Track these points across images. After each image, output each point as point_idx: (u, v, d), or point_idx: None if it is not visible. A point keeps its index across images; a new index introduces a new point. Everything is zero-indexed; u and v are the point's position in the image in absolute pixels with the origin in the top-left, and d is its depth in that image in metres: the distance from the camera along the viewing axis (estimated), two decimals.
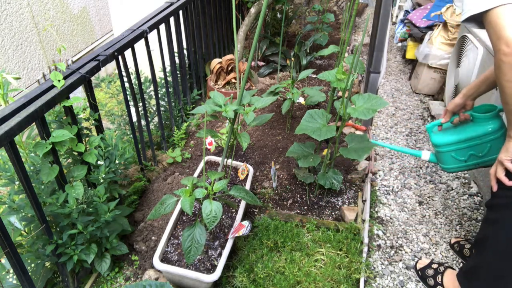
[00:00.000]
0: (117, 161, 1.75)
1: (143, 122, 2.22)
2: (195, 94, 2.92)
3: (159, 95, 2.46)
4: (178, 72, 2.69)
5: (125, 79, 1.96)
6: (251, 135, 2.64)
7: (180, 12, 2.50)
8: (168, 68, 2.50)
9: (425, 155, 1.76)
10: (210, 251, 1.67)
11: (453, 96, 2.61)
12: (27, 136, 1.59)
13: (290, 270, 1.65)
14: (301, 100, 2.89)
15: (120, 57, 1.86)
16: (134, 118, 2.11)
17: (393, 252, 1.85)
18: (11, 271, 1.50)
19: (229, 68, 2.97)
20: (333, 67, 3.42)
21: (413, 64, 3.52)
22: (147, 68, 2.20)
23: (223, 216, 1.83)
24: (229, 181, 2.03)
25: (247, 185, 1.92)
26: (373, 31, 2.44)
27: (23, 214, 1.50)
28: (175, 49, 2.55)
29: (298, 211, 2.03)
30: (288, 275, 1.62)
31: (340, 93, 2.92)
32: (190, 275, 1.51)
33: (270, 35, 3.65)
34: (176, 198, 1.54)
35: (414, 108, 3.09)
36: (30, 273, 1.51)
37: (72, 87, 1.50)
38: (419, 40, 3.35)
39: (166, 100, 2.54)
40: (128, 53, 1.92)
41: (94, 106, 1.69)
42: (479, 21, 1.21)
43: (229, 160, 2.09)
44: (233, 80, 2.97)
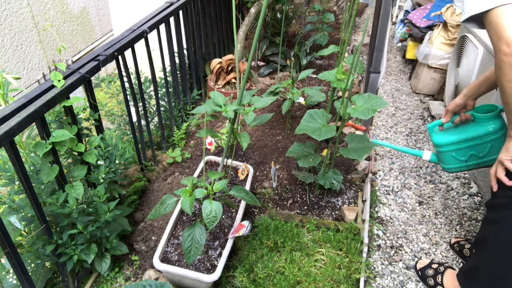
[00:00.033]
0: (117, 161, 1.75)
1: (143, 122, 2.22)
2: (195, 94, 2.92)
3: (159, 95, 2.46)
4: (178, 72, 2.69)
5: (125, 79, 1.96)
6: (251, 135, 2.64)
7: (180, 12, 2.51)
8: (168, 68, 2.50)
9: (426, 155, 1.76)
10: (210, 251, 1.67)
11: (453, 96, 2.61)
12: (27, 136, 1.59)
13: (290, 270, 1.65)
14: (301, 100, 2.89)
15: (120, 57, 1.86)
16: (134, 118, 2.11)
17: (393, 252, 1.85)
18: (11, 271, 1.50)
19: (229, 68, 2.97)
20: (333, 67, 3.42)
21: (413, 64, 3.52)
22: (147, 68, 2.20)
23: (223, 216, 1.83)
24: (229, 181, 2.03)
25: (247, 185, 1.92)
26: (373, 31, 2.44)
27: (23, 214, 1.50)
28: (175, 49, 2.55)
29: (298, 211, 2.03)
30: (288, 275, 1.62)
31: (340, 93, 2.92)
32: (190, 275, 1.51)
33: (270, 35, 3.65)
34: (176, 198, 1.54)
35: (414, 108, 3.09)
36: (30, 273, 1.51)
37: (72, 87, 1.50)
38: (419, 40, 3.35)
39: (166, 100, 2.54)
40: (128, 53, 1.92)
41: (94, 106, 1.69)
42: (480, 21, 1.21)
43: (229, 160, 2.09)
44: (233, 80, 2.97)
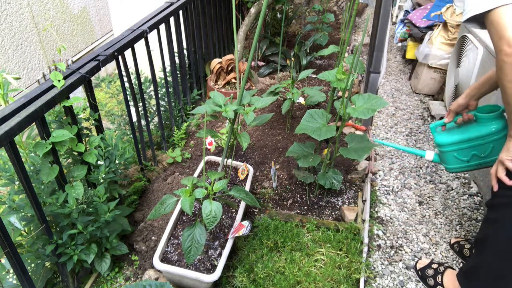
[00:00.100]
0: (117, 161, 1.75)
1: (143, 122, 2.22)
2: (195, 94, 2.92)
3: (159, 95, 2.46)
4: (178, 72, 2.69)
5: (125, 79, 1.96)
6: (251, 135, 2.64)
7: (180, 12, 2.51)
8: (168, 68, 2.50)
9: (429, 155, 1.76)
10: (210, 251, 1.67)
11: (453, 96, 2.60)
12: (27, 136, 1.59)
13: (290, 270, 1.64)
14: (301, 100, 2.89)
15: (120, 57, 1.86)
16: (134, 118, 2.11)
17: (393, 252, 1.85)
18: (11, 271, 1.50)
19: (229, 68, 2.97)
20: (333, 67, 3.42)
21: (413, 64, 3.52)
22: (147, 68, 2.20)
23: (223, 216, 1.83)
24: (229, 181, 2.03)
25: (247, 185, 1.92)
26: (373, 31, 2.43)
27: (23, 214, 1.50)
28: (175, 49, 2.55)
29: (298, 211, 2.02)
30: (288, 275, 1.62)
31: (340, 93, 2.92)
32: (190, 275, 1.51)
33: (270, 35, 3.65)
34: (176, 198, 1.54)
35: (414, 108, 3.09)
36: (30, 273, 1.51)
37: (72, 87, 1.50)
38: (419, 40, 3.35)
39: (166, 100, 2.54)
40: (128, 53, 1.92)
41: (94, 106, 1.69)
42: (481, 22, 1.21)
43: (229, 160, 2.09)
44: (233, 80, 2.97)
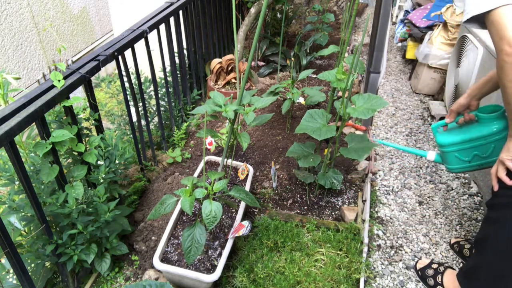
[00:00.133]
0: (117, 161, 1.75)
1: (143, 122, 2.22)
2: (195, 94, 2.92)
3: (159, 95, 2.46)
4: (178, 72, 2.69)
5: (125, 79, 1.96)
6: (251, 135, 2.64)
7: (180, 12, 2.50)
8: (168, 68, 2.50)
9: (431, 156, 1.76)
10: (210, 251, 1.67)
11: (453, 96, 2.61)
12: (27, 136, 1.59)
13: (290, 270, 1.64)
14: (301, 100, 2.89)
15: (120, 57, 1.86)
16: (134, 118, 2.11)
17: (393, 252, 1.85)
18: (11, 271, 1.50)
19: (229, 68, 2.97)
20: (333, 67, 3.42)
21: (413, 64, 3.52)
22: (147, 68, 2.20)
23: (223, 216, 1.83)
24: (229, 181, 2.03)
25: (247, 185, 1.92)
26: (373, 31, 2.43)
27: (23, 214, 1.50)
28: (175, 49, 2.55)
29: (298, 211, 2.02)
30: (288, 275, 1.62)
31: (340, 93, 2.92)
32: (190, 275, 1.51)
33: (270, 35, 3.65)
34: (176, 198, 1.54)
35: (414, 108, 3.09)
36: (30, 273, 1.51)
37: (72, 87, 1.50)
38: (419, 40, 3.35)
39: (166, 100, 2.54)
40: (128, 53, 1.92)
41: (94, 106, 1.69)
42: (481, 22, 1.21)
43: (229, 160, 2.09)
44: (233, 80, 2.97)
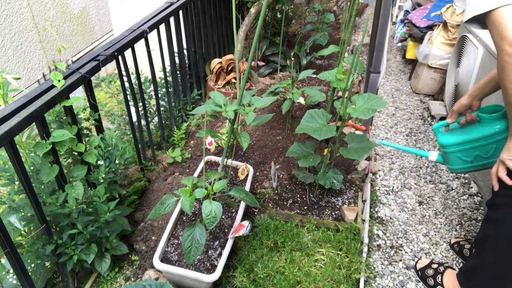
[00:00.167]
0: (117, 161, 1.75)
1: (143, 122, 2.22)
2: (195, 94, 2.92)
3: (159, 95, 2.46)
4: (178, 72, 2.69)
5: (125, 79, 1.96)
6: (251, 135, 2.64)
7: (180, 12, 2.50)
8: (168, 68, 2.50)
9: (433, 156, 1.75)
10: (210, 251, 1.67)
11: (453, 96, 2.61)
12: (27, 136, 1.59)
13: (290, 270, 1.64)
14: (301, 100, 2.89)
15: (120, 57, 1.86)
16: (134, 118, 2.11)
17: (393, 252, 1.85)
18: (11, 271, 1.50)
19: (229, 68, 2.97)
20: (333, 67, 3.42)
21: (413, 64, 3.52)
22: (147, 68, 2.20)
23: (223, 216, 1.83)
24: (229, 181, 2.03)
25: (247, 185, 1.92)
26: (373, 31, 2.43)
27: (23, 214, 1.50)
28: (175, 49, 2.55)
29: (298, 211, 2.02)
30: (288, 275, 1.62)
31: (340, 93, 2.92)
32: (190, 275, 1.51)
33: (270, 35, 3.65)
34: (176, 198, 1.54)
35: (414, 108, 3.09)
36: (30, 273, 1.51)
37: (72, 87, 1.50)
38: (419, 40, 3.35)
39: (166, 100, 2.54)
40: (128, 53, 1.92)
41: (94, 106, 1.69)
42: (482, 22, 1.20)
43: (229, 160, 2.09)
44: (233, 80, 2.97)
